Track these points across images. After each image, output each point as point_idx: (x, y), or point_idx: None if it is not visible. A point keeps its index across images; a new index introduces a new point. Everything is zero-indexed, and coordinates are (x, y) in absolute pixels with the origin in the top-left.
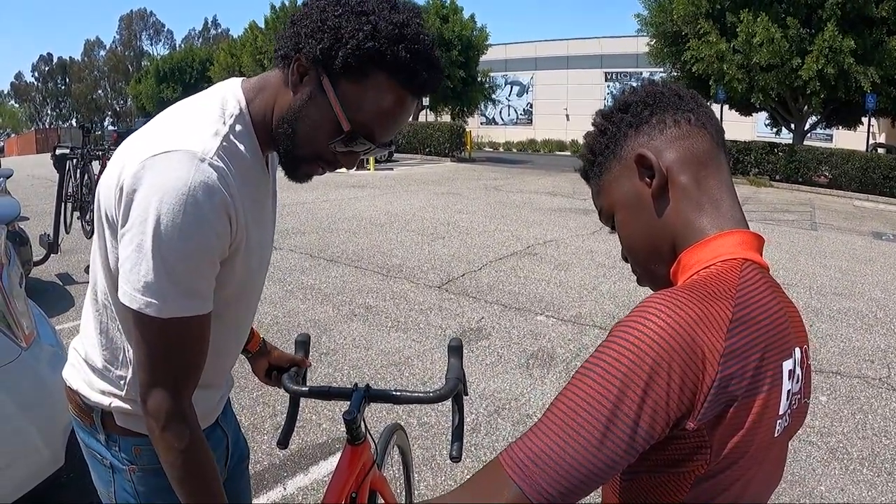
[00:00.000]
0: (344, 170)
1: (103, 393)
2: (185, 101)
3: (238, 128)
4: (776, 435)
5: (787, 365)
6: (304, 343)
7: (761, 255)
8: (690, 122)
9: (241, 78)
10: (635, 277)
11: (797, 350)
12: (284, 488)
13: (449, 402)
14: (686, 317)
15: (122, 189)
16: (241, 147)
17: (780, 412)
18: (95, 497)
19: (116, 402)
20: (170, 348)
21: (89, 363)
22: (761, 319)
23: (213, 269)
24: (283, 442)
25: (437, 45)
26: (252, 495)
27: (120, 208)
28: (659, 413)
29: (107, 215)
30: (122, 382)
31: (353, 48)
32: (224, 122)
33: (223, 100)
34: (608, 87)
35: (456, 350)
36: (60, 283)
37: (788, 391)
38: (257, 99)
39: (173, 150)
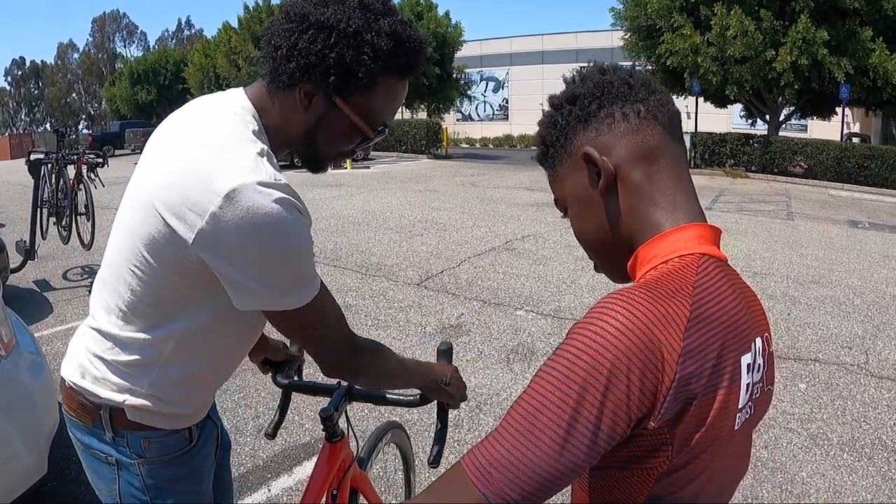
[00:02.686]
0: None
1: (117, 389)
2: (203, 116)
3: (263, 142)
4: (736, 427)
5: (746, 359)
6: (444, 351)
7: (718, 247)
8: (640, 115)
9: (242, 89)
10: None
11: (757, 340)
12: (269, 490)
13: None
14: (643, 317)
15: (206, 226)
16: (273, 159)
17: (740, 405)
18: None
19: (131, 399)
20: (320, 320)
21: (107, 360)
22: (719, 317)
23: (312, 253)
24: (272, 433)
25: (415, 26)
26: (233, 486)
27: (208, 244)
28: (620, 415)
29: (163, 244)
30: (145, 379)
31: (364, 74)
32: (257, 140)
33: (242, 119)
34: None
35: (444, 353)
36: (38, 290)
37: (748, 384)
38: (265, 113)
39: (244, 185)
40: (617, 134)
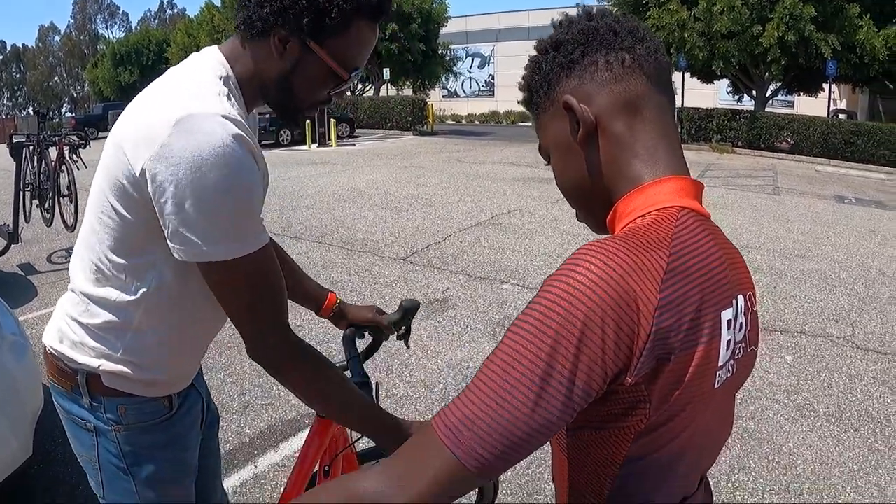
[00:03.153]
0: (305, 146)
1: (93, 354)
2: (174, 72)
3: (231, 89)
4: (716, 386)
5: (727, 315)
6: (407, 309)
7: (700, 202)
8: (624, 64)
9: (217, 45)
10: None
11: (739, 298)
12: (255, 466)
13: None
14: (618, 267)
15: (155, 153)
16: (238, 105)
17: (720, 363)
18: (66, 487)
19: (106, 364)
20: (256, 287)
21: (83, 324)
22: (698, 269)
23: (259, 204)
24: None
25: None
26: (221, 459)
27: (154, 170)
28: (595, 369)
29: (125, 180)
30: (119, 343)
31: (338, 14)
32: (222, 85)
33: (210, 66)
34: None
35: (407, 312)
36: (23, 274)
37: (729, 341)
38: (238, 64)
39: (197, 113)
40: (599, 83)
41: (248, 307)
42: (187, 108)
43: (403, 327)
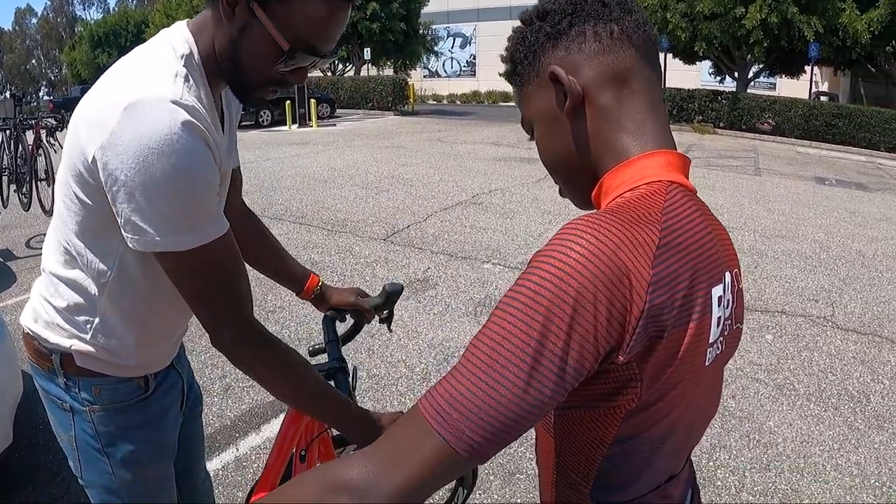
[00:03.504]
0: (286, 127)
1: (65, 335)
2: (137, 50)
3: (192, 67)
4: (707, 363)
5: (717, 291)
6: (389, 293)
7: (687, 176)
8: (612, 35)
9: (186, 20)
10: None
11: (727, 274)
12: (237, 449)
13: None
14: (610, 242)
15: (105, 141)
16: (197, 86)
17: (711, 340)
18: (47, 474)
19: (77, 344)
20: (212, 276)
21: (54, 305)
22: (689, 245)
23: (213, 193)
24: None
25: None
26: (204, 441)
27: (104, 159)
28: (587, 347)
29: (81, 165)
30: (87, 326)
31: None
32: (180, 65)
33: (172, 43)
34: None
35: (390, 295)
36: (1, 260)
37: (719, 318)
38: (201, 38)
39: (145, 98)
40: (587, 54)
41: (204, 296)
42: (137, 93)
43: (386, 311)
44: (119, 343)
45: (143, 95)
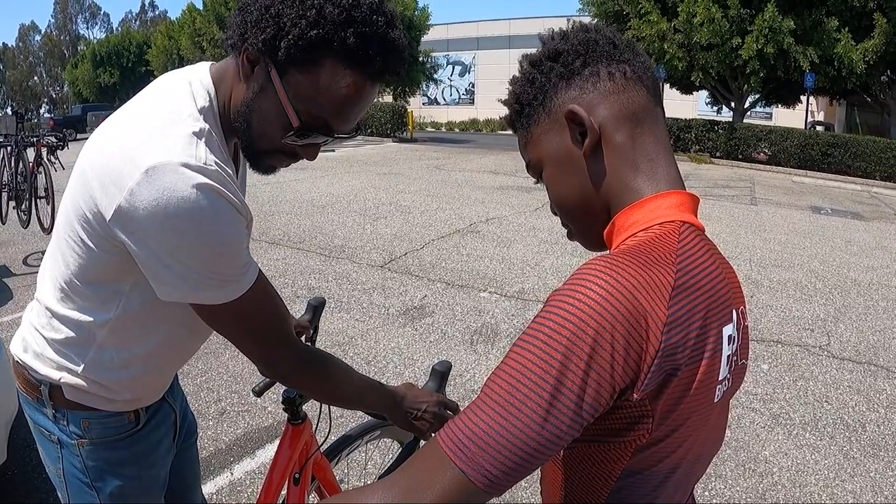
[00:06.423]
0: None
1: (55, 367)
2: (157, 91)
3: (211, 121)
4: (716, 400)
5: (728, 330)
6: (315, 307)
7: (696, 216)
8: (626, 76)
9: (210, 63)
10: (578, 251)
11: (734, 312)
12: (231, 473)
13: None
14: (627, 283)
15: (124, 201)
16: (217, 141)
17: (721, 377)
18: (40, 494)
19: (67, 377)
20: (254, 319)
21: (45, 337)
22: (702, 285)
23: (244, 246)
24: (260, 392)
25: (397, 24)
26: (200, 471)
27: (122, 220)
28: (604, 385)
29: (90, 214)
30: (80, 359)
31: (297, 37)
32: (201, 120)
33: (194, 92)
34: None
35: (436, 375)
36: None
37: (729, 356)
38: (220, 89)
39: (168, 163)
40: (602, 93)
41: (249, 336)
42: (159, 156)
43: (312, 327)
44: (114, 377)
45: (166, 160)
